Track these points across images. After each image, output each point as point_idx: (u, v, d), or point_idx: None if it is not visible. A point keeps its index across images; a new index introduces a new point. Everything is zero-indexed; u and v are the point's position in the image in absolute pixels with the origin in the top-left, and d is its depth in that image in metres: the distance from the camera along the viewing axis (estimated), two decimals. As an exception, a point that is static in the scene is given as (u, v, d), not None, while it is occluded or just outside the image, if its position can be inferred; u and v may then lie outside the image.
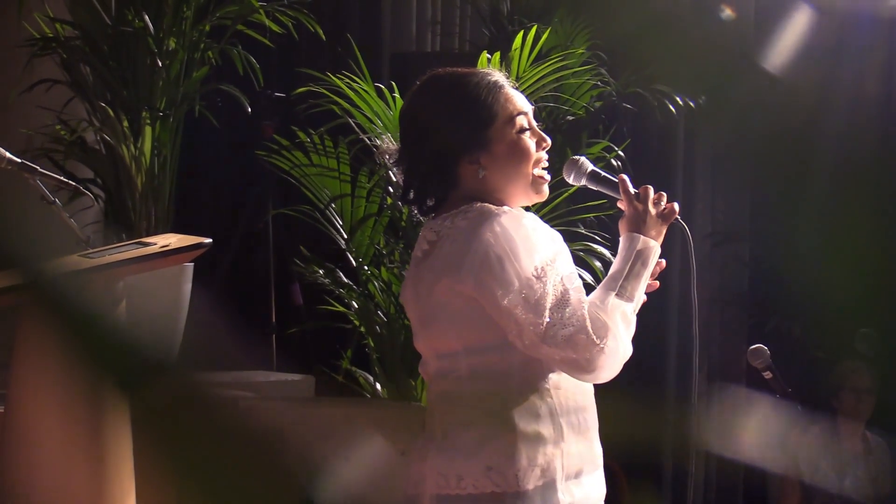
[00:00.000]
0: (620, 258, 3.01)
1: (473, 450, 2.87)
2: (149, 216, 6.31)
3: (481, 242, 2.84)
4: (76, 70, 6.42)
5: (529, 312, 2.81)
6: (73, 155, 6.42)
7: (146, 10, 6.28)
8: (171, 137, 6.40)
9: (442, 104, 2.98)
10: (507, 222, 2.86)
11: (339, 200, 6.02)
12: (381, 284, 5.93)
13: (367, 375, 6.13)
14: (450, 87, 3.01)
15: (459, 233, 2.89)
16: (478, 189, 2.97)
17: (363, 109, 5.67)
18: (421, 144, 3.00)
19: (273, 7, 6.47)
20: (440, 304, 2.91)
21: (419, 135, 3.01)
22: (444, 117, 2.97)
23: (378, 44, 8.00)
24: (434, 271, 2.93)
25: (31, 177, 4.12)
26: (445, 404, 2.96)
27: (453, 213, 2.94)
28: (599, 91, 6.35)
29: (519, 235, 2.85)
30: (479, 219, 2.88)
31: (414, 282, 3.00)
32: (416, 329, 3.04)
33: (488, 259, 2.83)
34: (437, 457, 2.92)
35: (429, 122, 2.99)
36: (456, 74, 3.04)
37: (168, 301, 4.89)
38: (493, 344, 2.89)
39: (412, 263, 3.04)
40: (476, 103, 2.96)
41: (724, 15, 1.54)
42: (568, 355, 2.83)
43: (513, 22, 7.41)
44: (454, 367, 2.93)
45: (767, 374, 4.52)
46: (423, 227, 3.05)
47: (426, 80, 3.06)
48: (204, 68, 6.53)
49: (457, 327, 2.91)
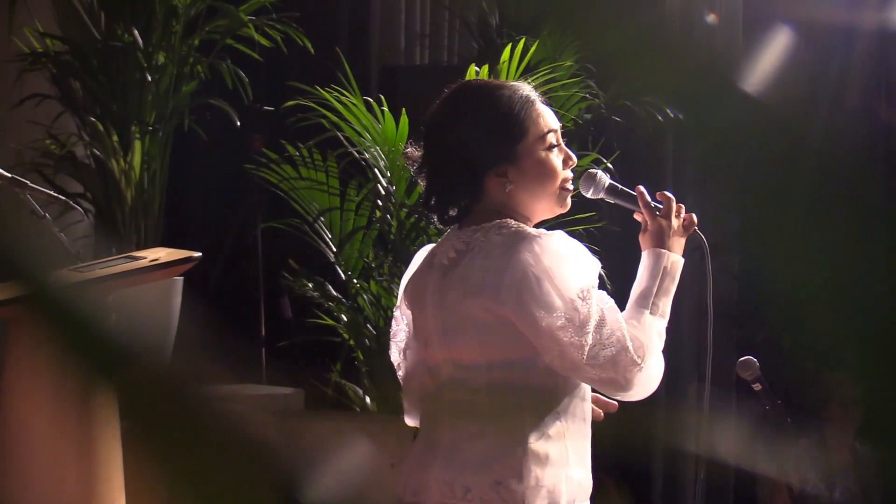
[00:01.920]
0: (648, 274, 3.00)
1: (483, 463, 2.85)
2: (138, 230, 6.32)
3: (520, 262, 2.80)
4: (66, 85, 6.43)
5: (573, 335, 2.79)
6: (63, 169, 6.42)
7: (135, 24, 6.29)
8: (161, 151, 6.41)
9: (473, 115, 2.94)
10: (545, 243, 2.83)
11: (327, 213, 6.03)
12: (371, 297, 5.93)
13: (357, 388, 6.13)
14: (481, 98, 2.96)
15: (494, 248, 2.86)
16: (502, 202, 2.94)
17: (352, 122, 5.68)
18: (449, 154, 2.94)
19: (262, 21, 6.48)
20: (469, 318, 2.87)
21: (447, 143, 2.95)
22: (474, 129, 2.92)
23: (367, 57, 8.01)
24: (465, 285, 2.88)
25: (22, 191, 4.12)
26: (456, 414, 2.92)
27: (485, 227, 2.91)
28: (588, 103, 6.37)
29: (558, 256, 2.82)
30: (515, 237, 2.85)
31: (439, 290, 2.95)
32: (432, 336, 2.98)
33: (527, 280, 2.79)
34: (443, 467, 2.89)
35: (458, 131, 2.93)
36: (488, 86, 3.02)
37: (158, 315, 4.89)
38: (517, 361, 2.86)
39: (436, 270, 2.97)
40: (508, 117, 2.92)
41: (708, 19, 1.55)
42: (608, 375, 2.83)
43: (501, 35, 7.43)
44: (471, 379, 2.90)
45: (757, 386, 4.53)
46: (446, 236, 3.01)
47: (457, 90, 3.01)
48: (193, 82, 6.54)
49: (483, 342, 2.87)
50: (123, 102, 6.33)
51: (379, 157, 5.71)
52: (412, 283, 3.08)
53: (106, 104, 6.34)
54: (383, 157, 5.70)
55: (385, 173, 5.77)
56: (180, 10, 6.39)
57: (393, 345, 3.21)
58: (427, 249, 3.11)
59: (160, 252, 3.88)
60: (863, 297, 1.07)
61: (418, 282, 3.05)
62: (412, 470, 2.98)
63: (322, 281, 6.13)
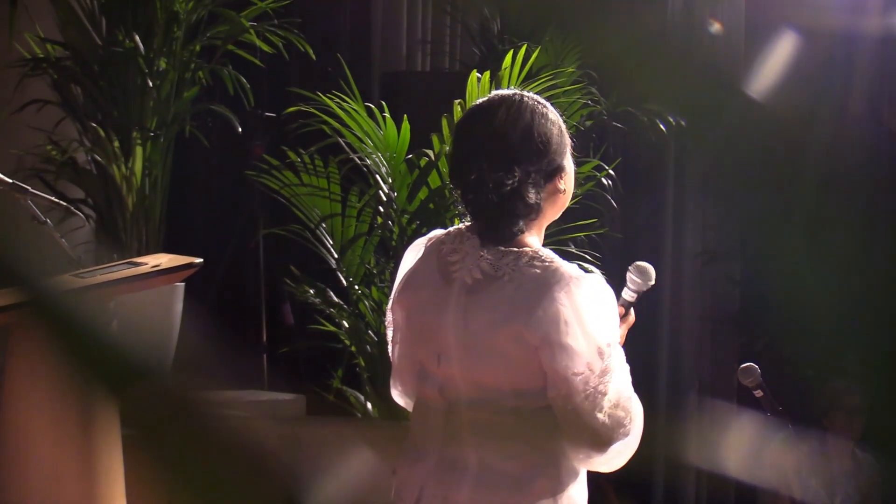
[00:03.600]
0: None
1: (520, 482, 2.87)
2: (140, 236, 6.32)
3: (553, 301, 2.80)
4: (67, 90, 6.43)
5: (589, 384, 2.81)
6: (65, 175, 6.42)
7: (137, 30, 6.30)
8: (162, 157, 6.41)
9: (551, 122, 2.94)
10: (581, 286, 2.83)
11: (329, 220, 6.03)
12: (372, 304, 5.93)
13: (358, 395, 6.13)
14: (546, 105, 2.98)
15: (527, 281, 2.84)
16: (540, 216, 2.94)
17: (353, 129, 5.68)
18: (539, 153, 2.90)
19: (263, 27, 6.49)
20: (497, 348, 2.86)
21: (538, 144, 2.90)
22: (556, 130, 2.93)
23: (368, 63, 8.02)
24: (496, 314, 2.86)
25: (23, 197, 4.12)
26: (483, 434, 2.90)
27: (515, 253, 2.88)
28: (590, 110, 6.36)
29: (592, 303, 2.83)
30: (552, 276, 2.84)
31: (462, 311, 2.90)
32: (451, 355, 2.93)
33: (558, 321, 2.79)
34: (475, 489, 2.88)
35: (545, 129, 2.91)
36: (539, 100, 3.00)
37: (159, 320, 4.89)
38: (541, 390, 2.86)
39: (458, 286, 2.92)
40: (563, 129, 2.97)
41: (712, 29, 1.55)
42: (606, 433, 2.86)
43: (503, 41, 7.43)
44: (496, 401, 2.89)
45: (758, 393, 4.52)
46: (472, 249, 2.93)
47: (522, 99, 2.96)
48: (194, 88, 6.54)
49: (510, 373, 2.87)
50: (125, 108, 6.33)
51: (380, 163, 5.71)
52: (415, 289, 3.02)
53: (107, 110, 6.34)
54: (385, 163, 5.70)
55: (386, 179, 5.77)
56: (182, 15, 6.39)
57: (391, 346, 3.17)
58: (420, 245, 3.05)
59: (161, 258, 3.88)
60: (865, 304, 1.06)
61: (426, 290, 2.99)
62: (425, 486, 2.95)
63: (323, 287, 6.13)
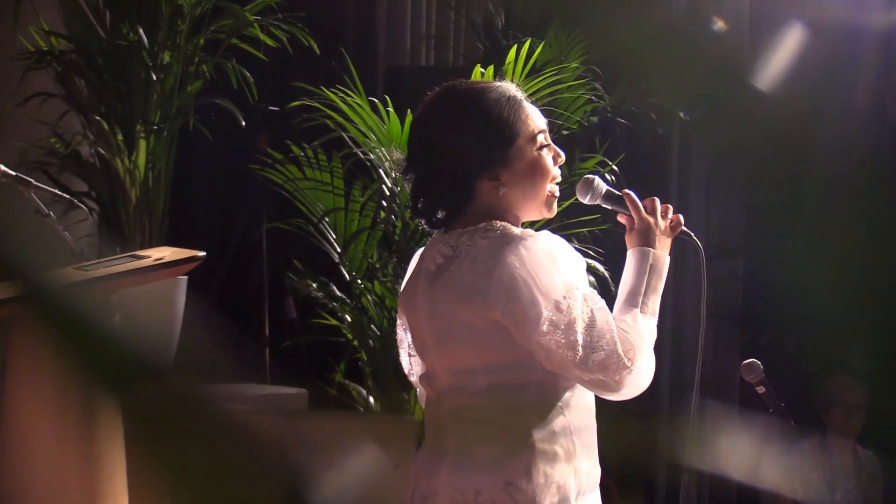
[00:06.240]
0: (635, 273, 2.97)
1: (492, 465, 2.85)
2: (143, 229, 6.32)
3: (506, 266, 2.78)
4: (71, 83, 6.43)
5: (560, 336, 2.77)
6: (68, 168, 6.42)
7: (141, 23, 6.29)
8: (166, 151, 6.41)
9: (462, 121, 2.89)
10: (531, 245, 2.81)
11: (332, 214, 6.03)
12: (375, 298, 5.93)
13: (361, 389, 6.13)
14: (469, 103, 2.92)
15: (480, 252, 2.84)
16: (493, 205, 2.92)
17: (357, 123, 5.68)
18: (437, 160, 2.90)
19: (267, 21, 6.48)
20: (461, 324, 2.86)
21: (436, 150, 2.90)
22: (464, 135, 2.88)
23: (372, 57, 8.01)
24: (455, 291, 2.86)
25: (26, 189, 4.12)
26: (460, 419, 2.91)
27: (471, 231, 2.89)
28: (594, 105, 6.36)
29: (544, 257, 2.80)
30: (501, 240, 2.83)
31: (429, 297, 2.94)
32: (428, 344, 2.97)
33: (515, 284, 2.77)
34: (452, 472, 2.88)
35: (447, 138, 2.89)
36: (474, 89, 2.96)
37: (162, 314, 4.89)
38: (514, 363, 2.84)
39: (424, 276, 2.96)
40: (498, 122, 2.89)
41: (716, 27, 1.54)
42: (598, 377, 2.82)
43: (507, 36, 7.42)
44: (471, 383, 2.89)
45: (761, 389, 4.52)
46: (433, 239, 2.99)
47: (442, 95, 2.97)
48: (198, 82, 6.54)
49: (478, 347, 2.86)
50: (128, 101, 6.33)
51: (384, 157, 5.71)
52: (405, 289, 3.08)
53: (111, 103, 6.34)
54: (388, 157, 5.70)
55: (390, 174, 5.77)
56: (186, 9, 6.39)
57: (402, 351, 3.21)
58: (418, 252, 3.09)
59: (164, 251, 3.88)
60: (868, 301, 1.06)
61: (409, 288, 3.04)
62: (419, 477, 2.97)
63: (326, 281, 6.13)
